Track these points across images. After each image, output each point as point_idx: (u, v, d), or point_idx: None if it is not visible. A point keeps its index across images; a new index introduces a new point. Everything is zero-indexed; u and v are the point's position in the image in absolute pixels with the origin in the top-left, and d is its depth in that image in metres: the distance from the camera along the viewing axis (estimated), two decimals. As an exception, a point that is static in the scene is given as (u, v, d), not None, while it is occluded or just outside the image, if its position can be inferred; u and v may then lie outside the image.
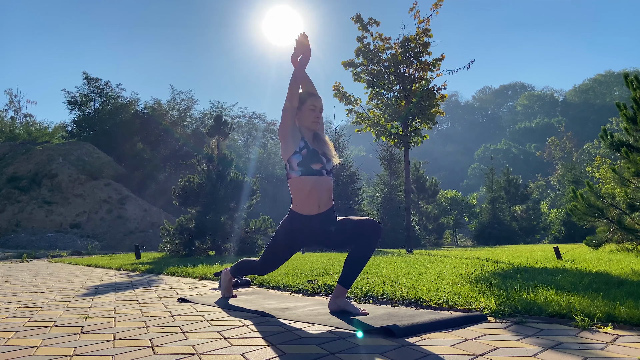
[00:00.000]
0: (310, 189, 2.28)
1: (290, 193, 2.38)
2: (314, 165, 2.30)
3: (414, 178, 20.46)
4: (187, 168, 24.51)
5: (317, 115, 2.40)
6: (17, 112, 40.31)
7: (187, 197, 9.43)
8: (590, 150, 43.83)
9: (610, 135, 5.19)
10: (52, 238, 18.97)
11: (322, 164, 2.32)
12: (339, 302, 2.26)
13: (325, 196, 2.32)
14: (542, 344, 1.57)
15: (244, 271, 2.77)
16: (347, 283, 2.28)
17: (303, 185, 2.28)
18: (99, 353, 1.61)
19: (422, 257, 6.33)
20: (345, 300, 2.27)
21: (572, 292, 2.40)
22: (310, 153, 2.32)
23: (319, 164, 2.31)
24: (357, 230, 2.27)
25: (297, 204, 2.32)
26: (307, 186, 2.28)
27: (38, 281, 4.66)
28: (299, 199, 2.30)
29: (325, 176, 2.33)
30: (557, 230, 21.68)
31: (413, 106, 8.64)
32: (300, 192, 2.29)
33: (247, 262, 2.72)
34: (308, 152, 2.32)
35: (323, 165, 2.32)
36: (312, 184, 2.28)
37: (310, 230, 2.33)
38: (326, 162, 2.35)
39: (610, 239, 5.16)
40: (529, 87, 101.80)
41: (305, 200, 2.29)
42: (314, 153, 2.32)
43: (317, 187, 2.29)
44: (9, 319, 2.38)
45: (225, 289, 2.94)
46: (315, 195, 2.28)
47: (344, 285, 2.27)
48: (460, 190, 34.89)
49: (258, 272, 2.63)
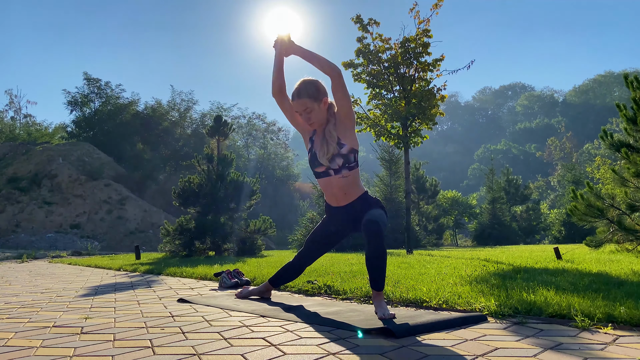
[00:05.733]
0: (323, 188, 2.39)
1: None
2: (317, 169, 2.33)
3: (414, 178, 20.45)
4: (187, 168, 24.53)
5: (305, 117, 2.32)
6: (17, 112, 40.37)
7: (187, 198, 9.43)
8: (590, 151, 43.85)
9: (610, 136, 5.20)
10: (52, 238, 18.98)
11: (325, 166, 2.28)
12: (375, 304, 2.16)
13: (338, 193, 2.32)
14: (542, 344, 1.57)
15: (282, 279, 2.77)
16: (373, 285, 2.18)
17: (319, 183, 2.40)
18: (99, 353, 1.61)
19: (422, 258, 6.33)
20: (378, 302, 2.14)
21: (572, 293, 2.40)
22: (312, 156, 2.33)
23: (322, 167, 2.30)
24: (363, 231, 2.22)
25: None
26: (320, 185, 2.40)
27: (38, 282, 4.66)
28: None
29: (333, 176, 2.29)
30: (557, 231, 21.67)
31: (413, 107, 8.64)
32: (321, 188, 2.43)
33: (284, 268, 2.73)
34: (311, 156, 2.34)
35: (327, 166, 2.28)
36: (322, 184, 2.37)
37: (338, 219, 2.43)
38: (330, 162, 2.27)
39: (610, 240, 5.17)
40: (528, 87, 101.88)
41: (325, 195, 2.42)
42: (314, 157, 2.32)
43: (327, 187, 2.35)
44: (9, 319, 2.37)
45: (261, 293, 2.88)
46: (328, 193, 2.36)
47: (373, 288, 2.19)
48: (460, 190, 34.88)
49: (295, 267, 2.67)
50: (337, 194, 2.32)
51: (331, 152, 2.27)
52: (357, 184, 2.34)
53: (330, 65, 2.24)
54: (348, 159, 2.28)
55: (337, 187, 2.30)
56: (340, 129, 2.30)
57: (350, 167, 2.29)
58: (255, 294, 2.90)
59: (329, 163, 2.27)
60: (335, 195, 2.33)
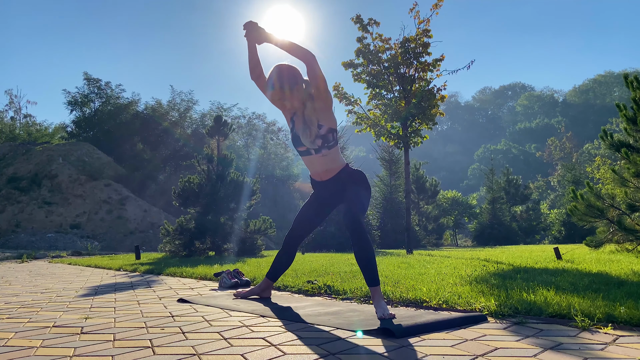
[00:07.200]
0: (306, 165, 2.53)
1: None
2: (299, 148, 2.47)
3: (414, 178, 20.45)
4: (187, 168, 24.50)
5: (282, 104, 2.46)
6: (17, 112, 40.28)
7: (187, 198, 9.43)
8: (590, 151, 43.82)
9: (610, 136, 5.20)
10: (52, 238, 18.97)
11: (305, 146, 2.42)
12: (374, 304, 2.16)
13: (320, 169, 2.47)
14: (542, 344, 1.57)
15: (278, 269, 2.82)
16: (369, 283, 2.20)
17: (303, 160, 2.54)
18: (99, 353, 1.61)
19: (422, 258, 6.33)
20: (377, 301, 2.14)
21: (572, 293, 2.40)
22: (294, 136, 2.49)
23: (303, 146, 2.44)
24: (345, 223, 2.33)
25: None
26: (304, 162, 2.54)
27: (38, 282, 4.66)
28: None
29: (314, 155, 2.43)
30: (557, 231, 21.66)
31: (413, 107, 8.64)
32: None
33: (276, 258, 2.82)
34: (293, 136, 2.50)
35: (307, 146, 2.42)
36: (305, 162, 2.51)
37: (324, 192, 2.56)
38: (310, 143, 2.40)
39: (610, 240, 5.17)
40: (528, 87, 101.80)
41: (310, 171, 2.56)
42: (296, 137, 2.47)
43: (309, 165, 2.50)
44: (9, 319, 2.37)
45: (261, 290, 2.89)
46: (312, 170, 2.52)
47: (369, 285, 2.20)
48: (460, 190, 34.86)
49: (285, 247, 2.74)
50: (319, 171, 2.47)
51: (313, 135, 2.39)
52: (337, 159, 2.47)
53: (302, 51, 2.32)
54: (327, 139, 2.40)
55: (318, 165, 2.45)
56: (318, 110, 2.40)
57: (329, 147, 2.41)
58: (255, 293, 2.90)
59: (310, 144, 2.41)
60: (318, 171, 2.48)
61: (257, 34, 2.46)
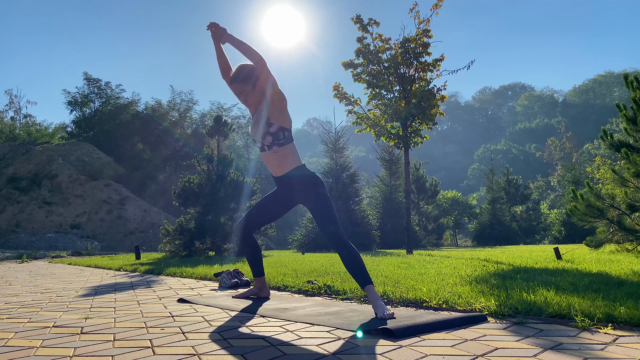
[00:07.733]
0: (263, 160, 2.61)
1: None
2: (256, 144, 2.60)
3: (414, 178, 20.45)
4: (187, 168, 24.50)
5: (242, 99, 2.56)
6: (17, 112, 40.26)
7: (187, 198, 9.43)
8: (590, 151, 43.81)
9: (610, 136, 5.19)
10: (52, 238, 18.97)
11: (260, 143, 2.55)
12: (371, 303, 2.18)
13: (273, 165, 2.56)
14: (542, 344, 1.57)
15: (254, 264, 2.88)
16: (361, 284, 2.25)
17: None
18: (99, 354, 1.61)
19: (422, 258, 6.33)
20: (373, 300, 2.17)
21: (572, 293, 2.40)
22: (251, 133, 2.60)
23: (258, 142, 2.56)
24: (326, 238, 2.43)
25: None
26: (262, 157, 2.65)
27: (38, 282, 4.66)
28: None
29: (267, 151, 2.53)
30: (557, 231, 21.66)
31: (413, 107, 8.64)
32: None
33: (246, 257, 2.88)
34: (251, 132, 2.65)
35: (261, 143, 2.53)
36: (262, 157, 2.60)
37: (279, 187, 2.64)
38: (263, 139, 2.51)
39: (610, 240, 5.16)
40: (528, 87, 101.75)
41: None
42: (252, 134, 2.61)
43: (265, 160, 2.58)
44: (9, 319, 2.37)
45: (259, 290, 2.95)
46: (267, 165, 2.60)
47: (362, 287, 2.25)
48: (460, 190, 34.85)
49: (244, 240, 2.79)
50: (272, 166, 2.57)
51: (260, 132, 2.50)
52: (290, 157, 2.53)
53: (251, 53, 2.42)
54: (277, 137, 2.49)
55: (271, 160, 2.55)
56: (271, 109, 2.49)
57: (280, 144, 2.50)
58: (253, 293, 2.92)
59: (261, 140, 2.51)
60: (272, 166, 2.57)
61: (220, 34, 2.58)
